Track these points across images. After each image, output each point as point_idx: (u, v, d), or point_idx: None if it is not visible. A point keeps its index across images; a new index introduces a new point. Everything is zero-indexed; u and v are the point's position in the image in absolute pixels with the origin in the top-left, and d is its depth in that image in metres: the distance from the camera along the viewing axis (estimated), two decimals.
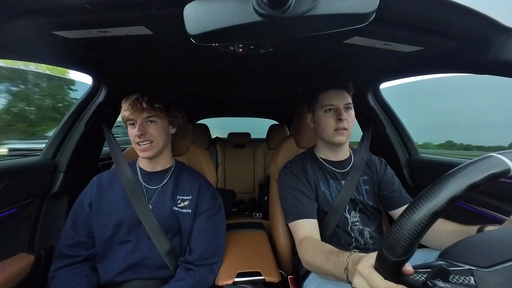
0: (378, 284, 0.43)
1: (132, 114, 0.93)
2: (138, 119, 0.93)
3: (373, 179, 1.05)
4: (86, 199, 0.96)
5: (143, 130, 0.92)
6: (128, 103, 0.94)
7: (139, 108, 0.92)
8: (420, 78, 1.14)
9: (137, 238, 0.93)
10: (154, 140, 0.95)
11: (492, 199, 0.97)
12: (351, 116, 0.99)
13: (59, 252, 0.91)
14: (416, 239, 0.37)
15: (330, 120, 0.97)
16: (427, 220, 0.36)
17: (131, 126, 0.95)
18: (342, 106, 0.97)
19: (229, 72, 1.32)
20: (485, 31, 0.64)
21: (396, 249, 0.38)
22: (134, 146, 0.96)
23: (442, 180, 0.37)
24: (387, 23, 0.65)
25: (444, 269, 0.39)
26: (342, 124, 0.95)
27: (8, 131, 5.75)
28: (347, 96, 1.00)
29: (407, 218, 0.38)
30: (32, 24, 0.67)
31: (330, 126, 0.97)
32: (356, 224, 0.99)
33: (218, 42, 0.54)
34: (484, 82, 4.78)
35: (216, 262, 0.97)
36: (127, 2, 0.58)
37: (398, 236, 0.38)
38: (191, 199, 1.00)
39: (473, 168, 0.37)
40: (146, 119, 0.94)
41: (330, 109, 0.98)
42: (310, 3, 0.42)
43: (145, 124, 0.94)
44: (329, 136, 0.99)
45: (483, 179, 0.35)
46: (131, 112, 0.92)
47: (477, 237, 0.45)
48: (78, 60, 1.03)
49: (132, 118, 0.93)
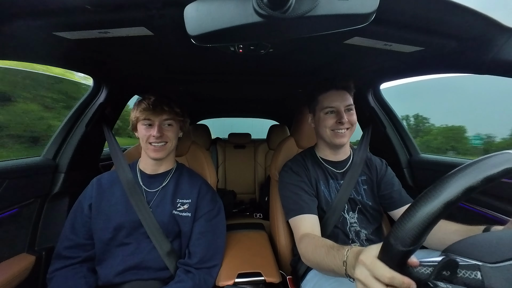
0: (383, 273, 0.42)
1: (152, 115, 0.94)
2: (157, 120, 0.95)
3: (372, 179, 1.05)
4: (85, 201, 0.96)
5: (161, 131, 0.94)
6: (147, 103, 0.94)
7: (159, 109, 0.94)
8: (419, 78, 1.14)
9: (137, 240, 0.93)
10: (169, 141, 0.97)
11: (494, 199, 0.97)
12: (353, 116, 0.99)
13: (57, 253, 0.91)
14: (427, 228, 0.37)
15: (330, 122, 0.97)
16: (441, 210, 0.36)
17: (147, 127, 0.96)
18: (343, 108, 0.96)
19: (229, 73, 1.32)
20: (485, 31, 0.64)
21: (406, 238, 0.38)
22: (145, 145, 0.96)
23: (458, 170, 0.38)
24: (387, 24, 0.65)
25: (453, 261, 0.39)
26: (343, 126, 0.95)
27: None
28: (348, 97, 0.99)
29: (420, 207, 0.38)
30: (33, 25, 0.67)
31: (330, 127, 0.98)
32: (353, 225, 0.99)
33: (218, 43, 0.54)
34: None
35: (215, 265, 0.97)
36: (128, 3, 0.58)
37: (409, 224, 0.38)
38: (190, 202, 1.00)
39: (490, 162, 0.37)
40: (165, 121, 0.97)
41: (331, 111, 0.98)
42: (310, 4, 0.42)
43: (163, 126, 0.96)
44: (330, 137, 0.99)
45: (499, 173, 0.36)
46: (152, 112, 0.94)
47: (482, 236, 0.45)
48: (79, 61, 1.03)
49: (151, 118, 0.95)
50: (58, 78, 3.63)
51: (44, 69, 3.05)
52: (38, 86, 3.44)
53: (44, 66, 2.05)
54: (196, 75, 1.35)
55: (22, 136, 2.90)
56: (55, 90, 3.61)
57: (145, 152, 0.99)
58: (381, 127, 1.43)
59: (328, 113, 0.98)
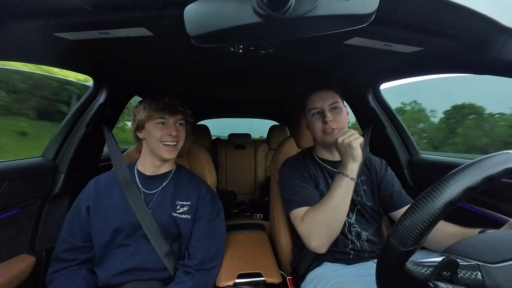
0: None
1: (168, 114, 0.97)
2: (171, 120, 0.97)
3: (372, 180, 1.05)
4: (83, 203, 0.96)
5: (176, 130, 0.97)
6: (162, 102, 0.96)
7: (175, 109, 0.97)
8: (417, 79, 1.14)
9: (136, 242, 0.93)
10: (181, 141, 1.01)
11: (494, 199, 0.97)
12: (339, 114, 0.99)
13: (56, 256, 0.91)
14: (427, 228, 0.37)
15: (317, 122, 1.00)
16: (442, 209, 0.36)
17: (161, 125, 0.97)
18: (327, 108, 0.97)
19: (230, 73, 1.32)
20: (485, 32, 0.64)
21: (406, 239, 0.38)
22: (157, 145, 0.96)
23: (459, 170, 0.38)
24: (387, 24, 0.65)
25: (454, 261, 0.39)
26: (328, 125, 0.96)
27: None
28: (332, 96, 1.00)
29: (421, 207, 0.38)
30: (33, 26, 0.67)
31: (319, 128, 0.99)
32: (354, 226, 0.98)
33: (218, 43, 0.54)
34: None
35: (215, 267, 0.97)
36: (128, 4, 0.58)
37: (409, 225, 0.38)
38: (190, 204, 1.00)
39: (490, 162, 0.37)
40: (179, 121, 1.00)
41: (317, 112, 1.00)
42: (310, 4, 0.42)
43: (176, 125, 0.99)
44: (320, 138, 1.01)
45: (499, 173, 0.36)
46: (168, 111, 0.96)
47: (482, 236, 0.45)
48: (79, 61, 1.03)
49: (167, 117, 0.97)
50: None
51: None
52: None
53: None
54: (196, 76, 1.35)
55: None
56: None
57: (154, 153, 0.99)
58: (381, 127, 1.43)
59: (315, 115, 1.01)
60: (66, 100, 3.35)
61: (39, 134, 2.86)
